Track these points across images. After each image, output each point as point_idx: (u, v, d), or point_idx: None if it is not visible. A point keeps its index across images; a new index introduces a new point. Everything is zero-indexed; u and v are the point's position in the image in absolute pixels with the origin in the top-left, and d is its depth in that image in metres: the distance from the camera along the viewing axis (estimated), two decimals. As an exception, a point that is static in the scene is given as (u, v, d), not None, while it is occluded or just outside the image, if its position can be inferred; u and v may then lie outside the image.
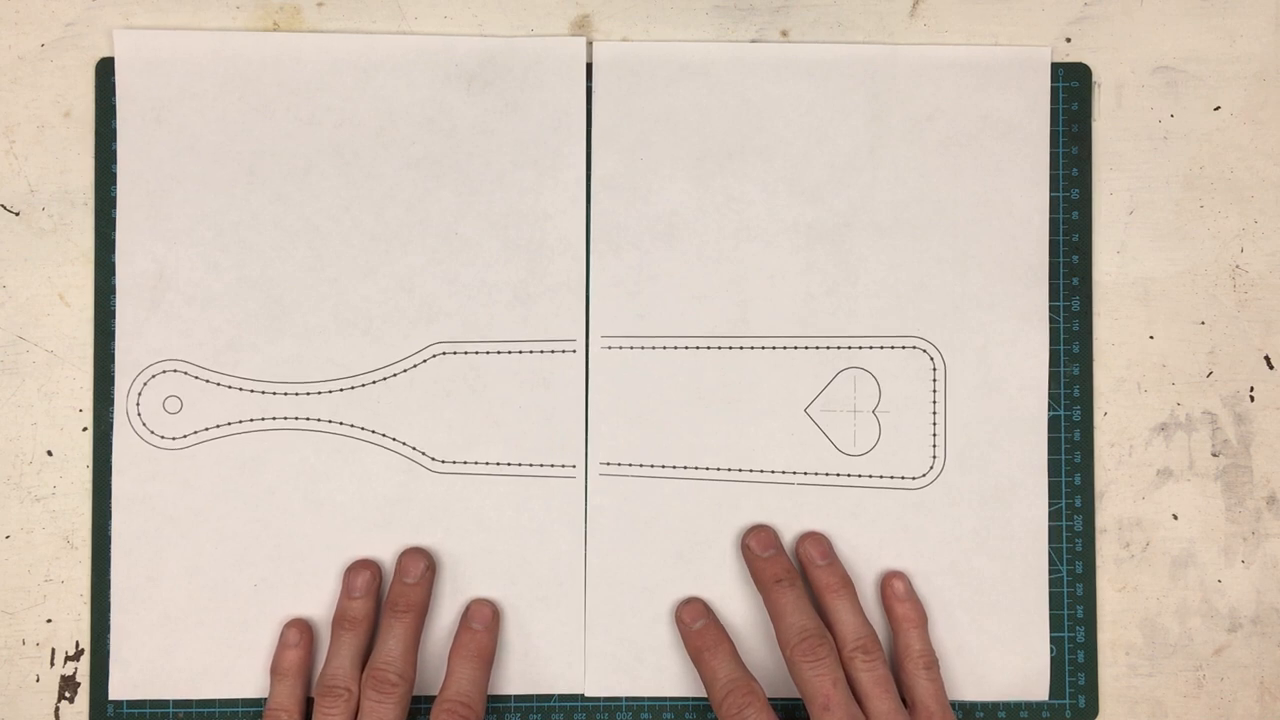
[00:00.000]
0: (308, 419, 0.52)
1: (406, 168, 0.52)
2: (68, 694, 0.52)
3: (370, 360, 0.52)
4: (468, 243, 0.52)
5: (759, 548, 0.50)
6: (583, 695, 0.52)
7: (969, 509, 0.52)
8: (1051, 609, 0.52)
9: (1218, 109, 0.54)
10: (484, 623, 0.50)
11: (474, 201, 0.52)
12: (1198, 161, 0.53)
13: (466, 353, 0.52)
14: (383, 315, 0.52)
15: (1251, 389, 0.53)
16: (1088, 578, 0.52)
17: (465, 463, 0.52)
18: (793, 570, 0.50)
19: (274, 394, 0.52)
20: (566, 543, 0.52)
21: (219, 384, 0.52)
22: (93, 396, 0.52)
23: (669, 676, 0.52)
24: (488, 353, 0.52)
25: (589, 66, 0.52)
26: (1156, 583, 0.53)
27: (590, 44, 0.53)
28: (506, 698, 0.52)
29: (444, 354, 0.52)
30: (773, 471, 0.52)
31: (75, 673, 0.52)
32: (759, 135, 0.52)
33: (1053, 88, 0.53)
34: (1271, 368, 0.53)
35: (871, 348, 0.52)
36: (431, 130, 0.52)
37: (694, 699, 0.52)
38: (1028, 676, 0.52)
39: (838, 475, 0.52)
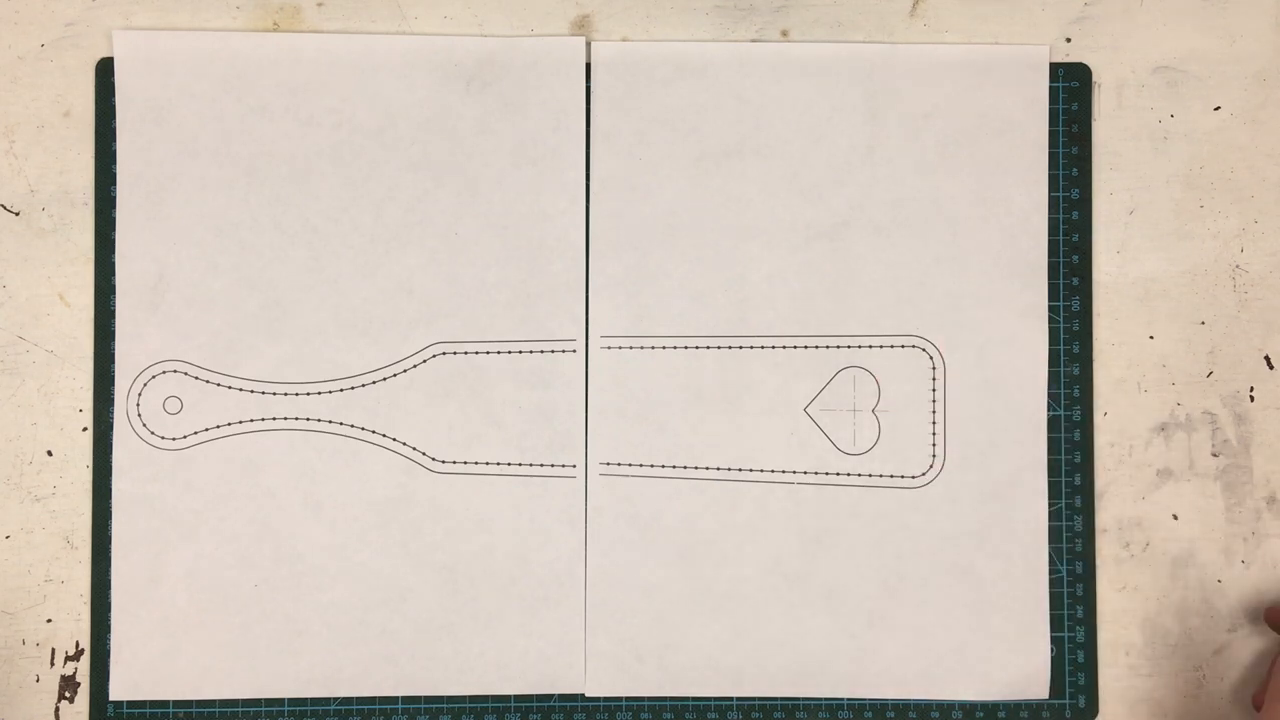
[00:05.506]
0: (308, 419, 0.52)
1: (406, 168, 0.52)
2: (68, 694, 0.52)
3: (370, 360, 0.52)
4: (467, 243, 0.52)
5: None
6: (583, 695, 0.52)
7: (969, 508, 0.52)
8: (1051, 609, 0.52)
9: (1218, 109, 0.53)
10: None
11: (473, 202, 0.52)
12: (1198, 161, 0.53)
13: (466, 353, 0.52)
14: (382, 316, 0.52)
15: (1251, 389, 0.53)
16: (1088, 578, 0.52)
17: (465, 463, 0.52)
18: None
19: (274, 394, 0.52)
20: (566, 543, 0.52)
21: (219, 384, 0.52)
22: (93, 397, 0.52)
23: (669, 676, 0.52)
24: (488, 353, 0.52)
25: (588, 66, 0.52)
26: (1156, 583, 0.53)
27: (590, 44, 0.53)
28: (506, 698, 0.52)
29: (444, 354, 0.52)
30: (772, 471, 0.52)
31: (75, 673, 0.52)
32: (758, 135, 0.52)
33: (1052, 88, 0.53)
34: (1271, 368, 0.53)
35: (871, 347, 0.52)
36: (431, 131, 0.52)
37: (694, 699, 0.52)
38: (1028, 676, 0.52)
39: (837, 475, 0.52)
